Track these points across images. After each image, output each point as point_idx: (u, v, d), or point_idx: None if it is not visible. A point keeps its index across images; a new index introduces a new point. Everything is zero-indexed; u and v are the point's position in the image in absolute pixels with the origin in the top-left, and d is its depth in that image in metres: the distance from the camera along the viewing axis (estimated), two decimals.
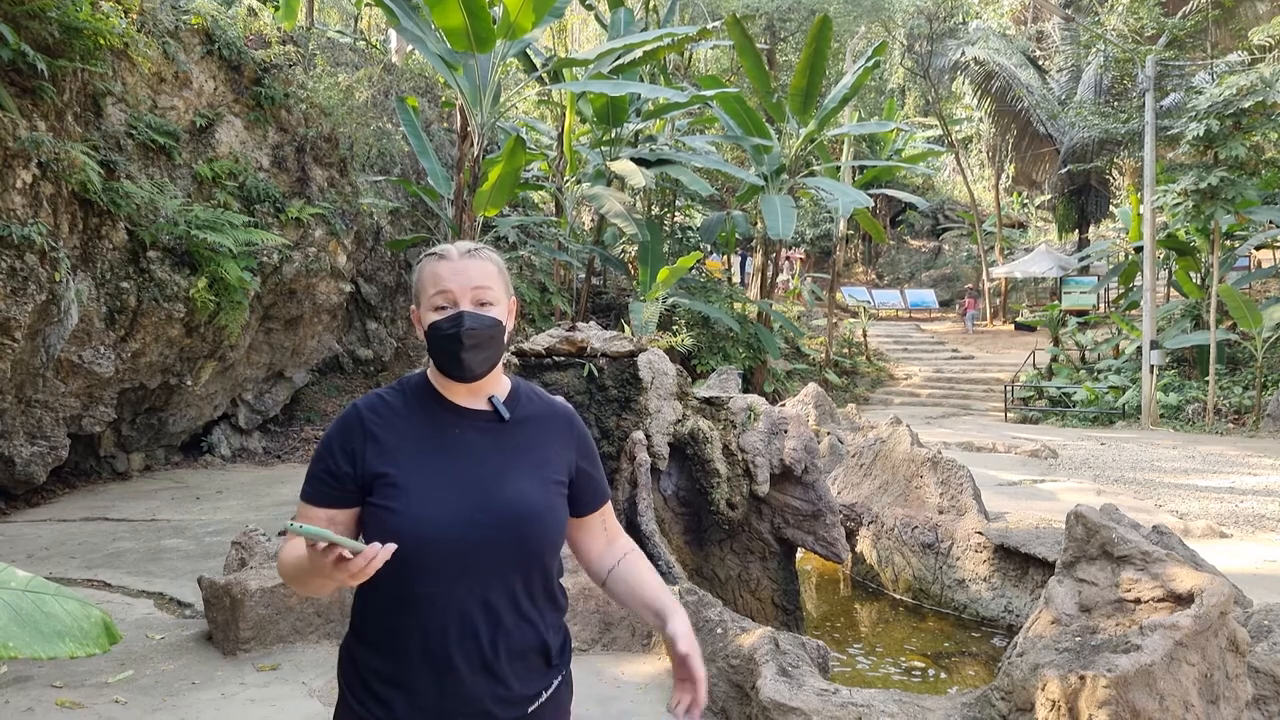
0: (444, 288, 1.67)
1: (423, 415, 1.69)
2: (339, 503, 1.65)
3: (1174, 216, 17.44)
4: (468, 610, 1.59)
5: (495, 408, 1.72)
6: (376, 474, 1.62)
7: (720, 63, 26.13)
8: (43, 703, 3.92)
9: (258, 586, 4.51)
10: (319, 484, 1.66)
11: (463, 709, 1.60)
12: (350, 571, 1.42)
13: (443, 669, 1.59)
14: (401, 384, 1.75)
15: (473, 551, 1.59)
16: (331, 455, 1.65)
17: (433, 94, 18.27)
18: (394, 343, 15.52)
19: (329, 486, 1.65)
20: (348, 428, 1.67)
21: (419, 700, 1.60)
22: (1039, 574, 5.62)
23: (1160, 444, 13.95)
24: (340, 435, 1.67)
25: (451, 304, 1.67)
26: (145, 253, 8.60)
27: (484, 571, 1.60)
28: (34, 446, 8.11)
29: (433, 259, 1.71)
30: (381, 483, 1.61)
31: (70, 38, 7.47)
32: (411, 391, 1.72)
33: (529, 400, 1.79)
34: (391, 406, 1.69)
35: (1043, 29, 30.09)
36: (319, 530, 1.39)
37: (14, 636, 1.69)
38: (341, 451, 1.65)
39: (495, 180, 11.10)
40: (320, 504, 1.65)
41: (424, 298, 1.69)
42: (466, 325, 1.64)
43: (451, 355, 1.65)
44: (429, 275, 1.70)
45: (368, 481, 1.63)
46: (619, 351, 5.71)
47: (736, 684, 3.76)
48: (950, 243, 35.39)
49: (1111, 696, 2.85)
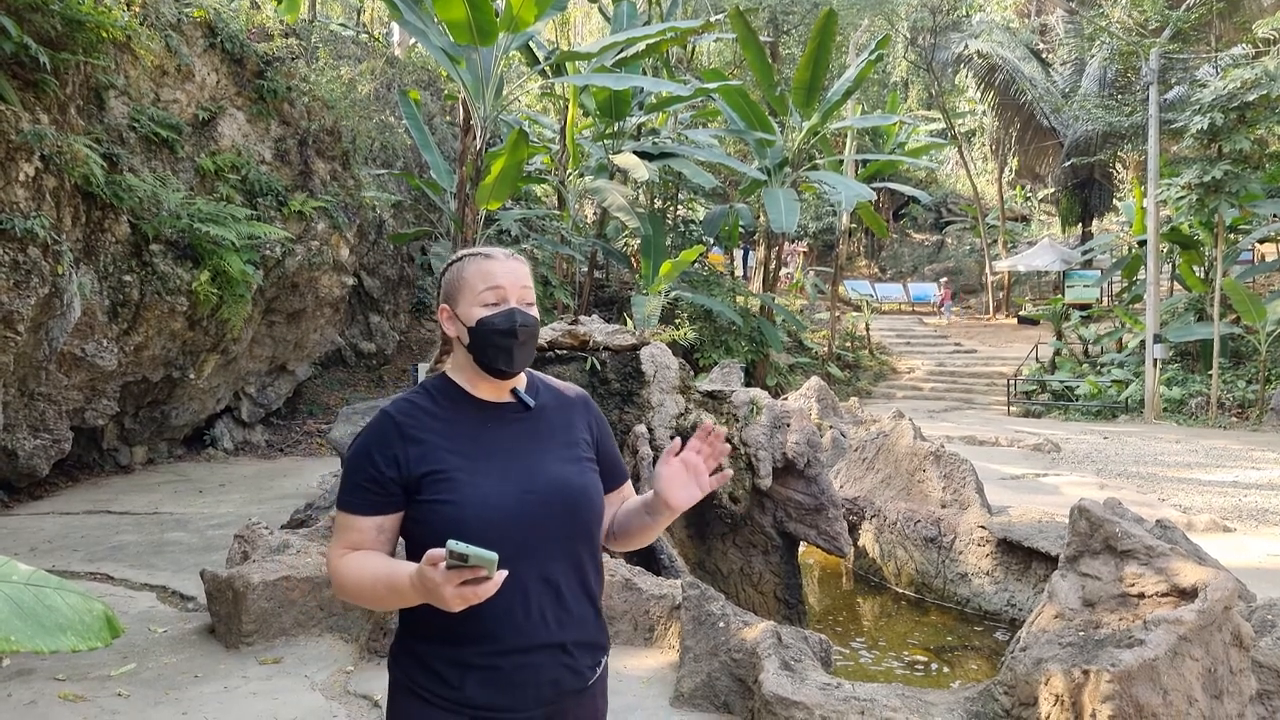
0: (497, 284, 1.73)
1: (455, 413, 1.74)
2: (386, 509, 1.68)
3: (1178, 210, 17.38)
4: (529, 587, 1.64)
5: (520, 398, 1.78)
6: (424, 473, 1.65)
7: (723, 56, 26.06)
8: (45, 696, 3.93)
9: (260, 580, 4.52)
10: (364, 493, 1.67)
11: (533, 680, 1.65)
12: (474, 595, 1.43)
13: (511, 646, 1.63)
14: (425, 388, 1.79)
15: (527, 530, 1.64)
16: (372, 463, 1.67)
17: (435, 87, 18.24)
18: (396, 336, 15.53)
19: (374, 494, 1.67)
20: (384, 434, 1.69)
21: (490, 677, 1.64)
22: (1042, 568, 5.62)
23: (1163, 438, 13.93)
24: (378, 442, 1.68)
25: (503, 300, 1.73)
26: (148, 246, 8.60)
27: (540, 549, 1.66)
28: (36, 439, 8.12)
29: (479, 258, 1.76)
30: (430, 480, 1.65)
31: (73, 31, 7.46)
32: (438, 393, 1.77)
33: (546, 389, 1.86)
34: (423, 409, 1.73)
35: (1046, 22, 29.97)
36: (482, 552, 1.39)
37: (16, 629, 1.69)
38: (383, 458, 1.67)
39: (498, 173, 11.08)
40: (368, 512, 1.67)
41: (471, 294, 1.74)
42: (519, 321, 1.71)
43: (505, 350, 1.71)
44: (479, 272, 1.74)
45: (414, 482, 1.66)
46: (621, 345, 5.71)
47: (739, 678, 3.76)
48: (953, 236, 35.31)
49: (1115, 691, 2.85)
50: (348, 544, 1.69)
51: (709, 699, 3.83)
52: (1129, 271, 22.66)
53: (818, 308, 25.26)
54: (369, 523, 1.68)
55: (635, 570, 4.71)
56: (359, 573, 1.63)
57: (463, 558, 1.40)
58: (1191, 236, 18.62)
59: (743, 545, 5.74)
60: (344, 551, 1.69)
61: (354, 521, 1.68)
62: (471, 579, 1.42)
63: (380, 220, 14.59)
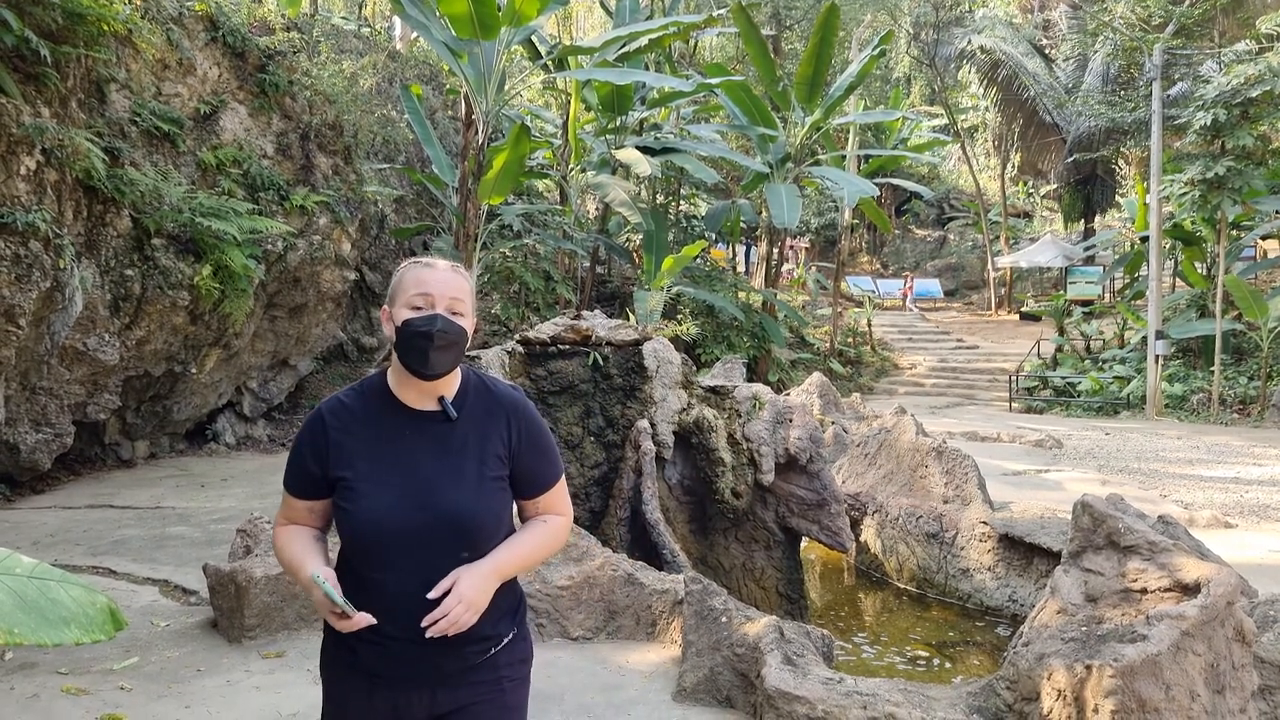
0: (426, 290, 1.82)
1: (377, 418, 1.87)
2: (315, 495, 1.90)
3: (1180, 206, 17.35)
4: (410, 593, 1.77)
5: (444, 408, 1.87)
6: (336, 477, 1.83)
7: (725, 50, 26.01)
8: (48, 689, 3.93)
9: (263, 574, 4.52)
10: (296, 478, 1.91)
11: (413, 659, 1.82)
12: (338, 623, 1.76)
13: (393, 637, 1.80)
14: (362, 385, 1.93)
15: (413, 547, 1.78)
16: (302, 456, 1.88)
17: (437, 81, 18.21)
18: None
19: (304, 482, 1.89)
20: (314, 432, 1.88)
21: (379, 652, 1.82)
22: (1044, 564, 5.61)
23: (1165, 434, 13.92)
24: (309, 438, 1.88)
25: (429, 305, 1.82)
26: (149, 240, 8.59)
27: (424, 560, 1.78)
28: (39, 434, 8.12)
29: (418, 265, 1.88)
30: (340, 484, 1.83)
31: (74, 24, 7.45)
32: (370, 393, 1.90)
33: (478, 396, 1.93)
34: (350, 410, 1.88)
35: (1049, 17, 29.91)
36: (333, 593, 1.73)
37: (19, 623, 1.69)
38: (310, 453, 1.87)
39: (500, 168, 11.07)
40: (302, 496, 1.91)
41: (402, 296, 1.84)
42: (439, 326, 1.80)
43: (420, 352, 1.80)
44: (412, 278, 1.86)
45: (331, 481, 1.85)
46: (624, 340, 5.70)
47: (741, 672, 3.76)
48: (955, 232, 35.27)
49: (1118, 686, 2.85)
50: (285, 516, 1.94)
51: (711, 693, 3.83)
52: (1131, 268, 22.64)
53: (820, 303, 25.24)
54: (300, 503, 1.92)
55: (638, 565, 4.71)
56: (284, 549, 1.90)
57: (330, 598, 1.73)
58: (1194, 233, 18.60)
59: (745, 540, 5.74)
60: (283, 522, 1.94)
61: (289, 499, 1.93)
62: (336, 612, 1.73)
63: (382, 215, 14.58)
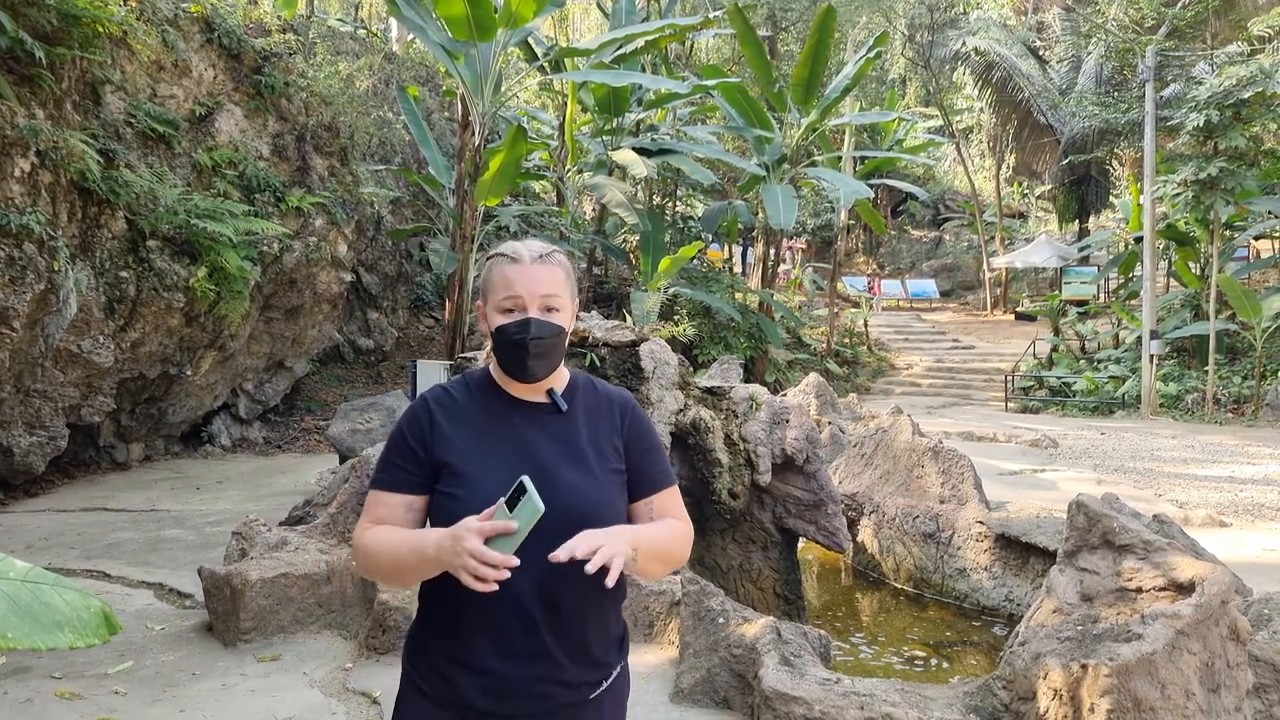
0: (514, 293, 1.70)
1: (485, 408, 1.75)
2: (416, 488, 1.71)
3: (1174, 207, 17.40)
4: (527, 598, 1.62)
5: (554, 400, 1.76)
6: (443, 463, 1.69)
7: (722, 52, 26.02)
8: (42, 694, 3.92)
9: (258, 577, 4.51)
10: (397, 471, 1.72)
11: (523, 692, 1.64)
12: (479, 570, 1.47)
13: (504, 654, 1.63)
14: (466, 378, 1.81)
15: (530, 538, 1.54)
16: (406, 444, 1.72)
17: (434, 83, 18.21)
18: (395, 332, 15.51)
19: (406, 473, 1.71)
20: (416, 419, 1.74)
21: (482, 682, 1.64)
22: (1040, 563, 5.62)
23: (1160, 433, 13.95)
24: (411, 426, 1.73)
25: (520, 309, 1.70)
26: (145, 242, 8.57)
27: (542, 560, 1.55)
28: (33, 436, 8.10)
29: (504, 260, 1.73)
30: (446, 471, 1.68)
31: (69, 25, 7.44)
32: (475, 385, 1.79)
33: (587, 392, 1.82)
34: (456, 400, 1.76)
35: (1043, 19, 29.96)
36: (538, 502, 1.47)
37: (13, 627, 1.68)
38: (415, 439, 1.71)
39: (496, 169, 11.07)
40: (400, 490, 1.72)
41: (492, 298, 1.73)
42: (533, 334, 1.68)
43: (517, 360, 1.70)
44: (499, 278, 1.72)
45: (436, 469, 1.69)
46: (621, 341, 5.70)
47: (739, 673, 3.76)
48: (951, 233, 35.33)
49: (1113, 685, 2.85)
50: (374, 518, 1.72)
51: (709, 694, 3.83)
52: (1125, 268, 22.69)
53: (816, 304, 25.27)
54: (398, 499, 1.71)
55: None
56: (385, 541, 1.66)
57: (519, 492, 1.48)
58: (1187, 233, 18.65)
59: (742, 541, 5.74)
60: (370, 525, 1.72)
61: (382, 497, 1.72)
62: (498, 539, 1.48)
63: (378, 216, 14.58)
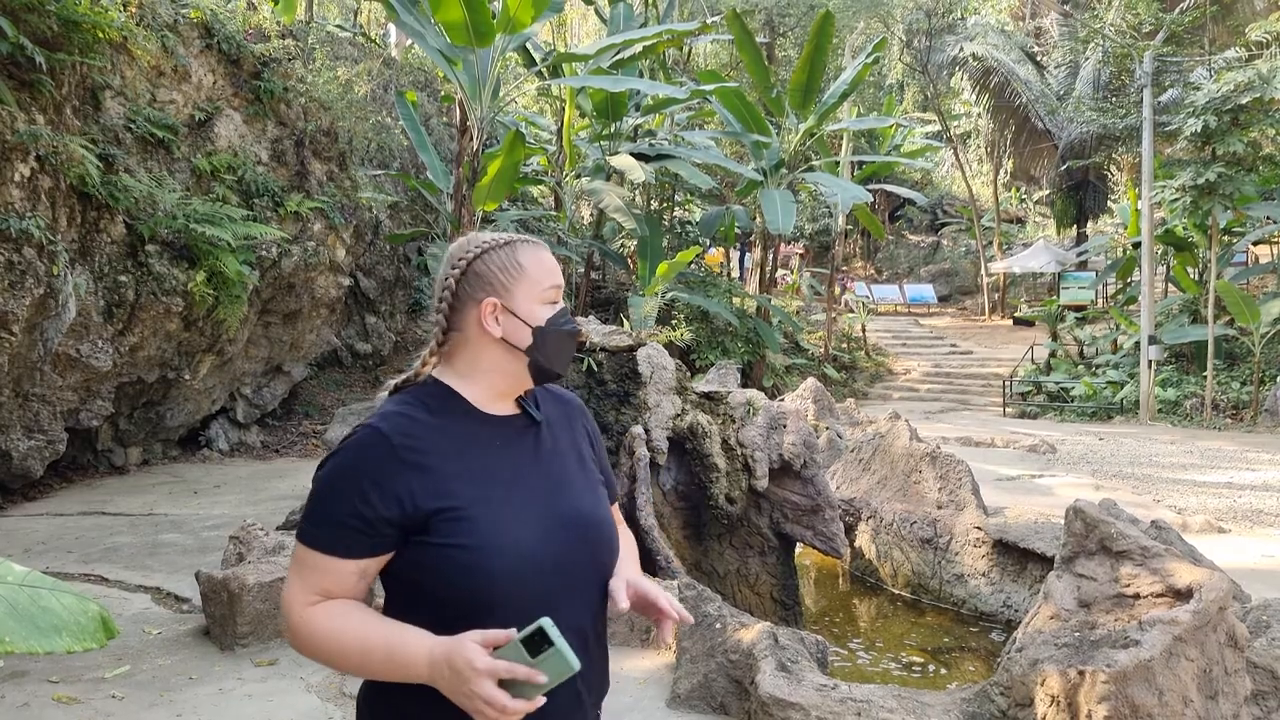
0: (558, 282, 1.50)
1: (459, 431, 1.44)
2: (375, 550, 1.35)
3: (1172, 212, 17.44)
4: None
5: (525, 409, 1.53)
6: (434, 509, 1.35)
7: (719, 57, 26.07)
8: (39, 698, 3.91)
9: (255, 581, 4.51)
10: (347, 532, 1.33)
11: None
12: (504, 711, 1.21)
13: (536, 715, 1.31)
14: (416, 397, 1.46)
15: (555, 575, 1.38)
16: (363, 497, 1.33)
17: (432, 88, 18.23)
18: (393, 337, 15.51)
19: (360, 533, 1.34)
20: (379, 462, 1.35)
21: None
22: (1038, 569, 5.62)
23: (1158, 439, 13.96)
24: (371, 470, 1.34)
25: (559, 299, 1.51)
26: (144, 246, 8.58)
27: (568, 596, 1.41)
28: (31, 440, 8.09)
29: (532, 247, 1.51)
30: (442, 519, 1.35)
31: (69, 31, 7.45)
32: (436, 404, 1.45)
33: (545, 397, 1.61)
34: (423, 425, 1.41)
35: (1041, 25, 30.03)
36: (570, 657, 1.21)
37: (10, 631, 1.68)
38: (378, 493, 1.33)
39: (494, 174, 11.08)
40: (350, 555, 1.34)
41: (534, 288, 1.48)
42: (578, 325, 1.56)
43: (564, 356, 1.50)
44: (540, 265, 1.49)
45: (419, 521, 1.35)
46: (618, 346, 5.70)
47: (735, 679, 3.76)
48: (949, 238, 35.36)
49: (1111, 692, 2.85)
50: (317, 589, 1.35)
51: (705, 700, 3.83)
52: (1124, 273, 22.73)
53: (814, 309, 25.29)
54: (349, 566, 1.35)
55: None
56: (342, 631, 1.33)
57: (543, 641, 1.20)
58: (1186, 238, 18.69)
59: (739, 546, 5.74)
60: (314, 599, 1.35)
61: (329, 564, 1.34)
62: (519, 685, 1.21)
63: (377, 221, 14.58)
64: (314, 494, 1.38)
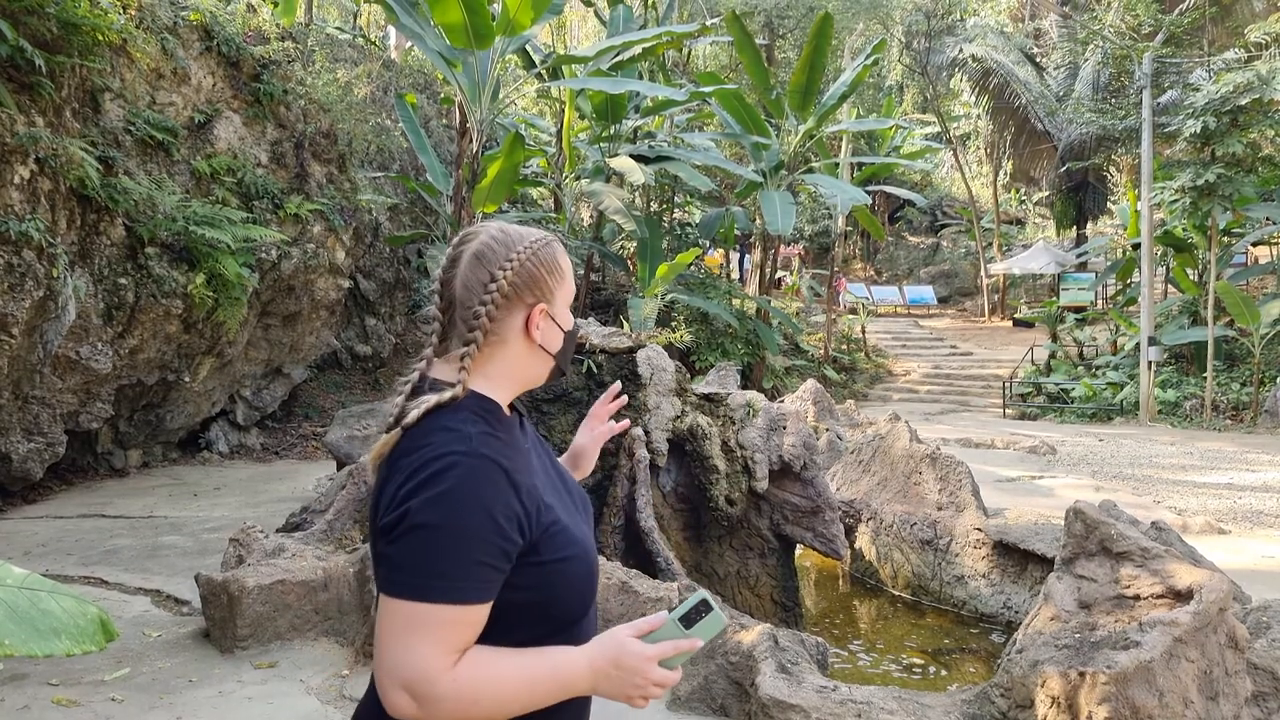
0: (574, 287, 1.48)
1: (517, 441, 1.39)
2: (499, 587, 1.28)
3: (1171, 213, 17.45)
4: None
5: (518, 410, 1.49)
6: (545, 527, 1.30)
7: (719, 59, 26.09)
8: (39, 700, 3.91)
9: (255, 584, 4.50)
10: (489, 573, 1.23)
11: None
12: (656, 695, 1.27)
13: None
14: (473, 413, 1.33)
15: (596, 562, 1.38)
16: (500, 533, 1.23)
17: (431, 90, 18.25)
18: (392, 339, 15.51)
19: (499, 572, 1.25)
20: (498, 488, 1.25)
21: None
22: (1038, 570, 5.62)
23: (1158, 440, 13.96)
24: (497, 500, 1.24)
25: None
26: (143, 249, 8.58)
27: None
28: (31, 443, 8.09)
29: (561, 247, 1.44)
30: (548, 534, 1.30)
31: (68, 34, 7.45)
32: (492, 416, 1.36)
33: None
34: (504, 444, 1.32)
35: (1040, 26, 30.08)
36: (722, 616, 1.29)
37: (9, 634, 1.68)
38: (508, 522, 1.25)
39: (494, 176, 11.09)
40: (489, 598, 1.25)
41: (570, 292, 1.44)
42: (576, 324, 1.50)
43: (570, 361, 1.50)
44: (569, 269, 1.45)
45: (534, 542, 1.28)
46: (618, 348, 5.70)
47: (735, 680, 3.75)
48: (948, 239, 35.38)
49: (1111, 693, 2.85)
50: (459, 647, 1.22)
51: (705, 702, 3.82)
52: (1123, 274, 22.74)
53: (813, 310, 25.30)
54: (486, 611, 1.25)
55: (632, 573, 4.70)
56: (502, 678, 1.23)
57: (702, 609, 1.28)
58: (1185, 239, 18.69)
59: (739, 548, 5.74)
60: (454, 658, 1.21)
61: (469, 615, 1.22)
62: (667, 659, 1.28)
63: (376, 223, 14.59)
64: (437, 542, 1.21)
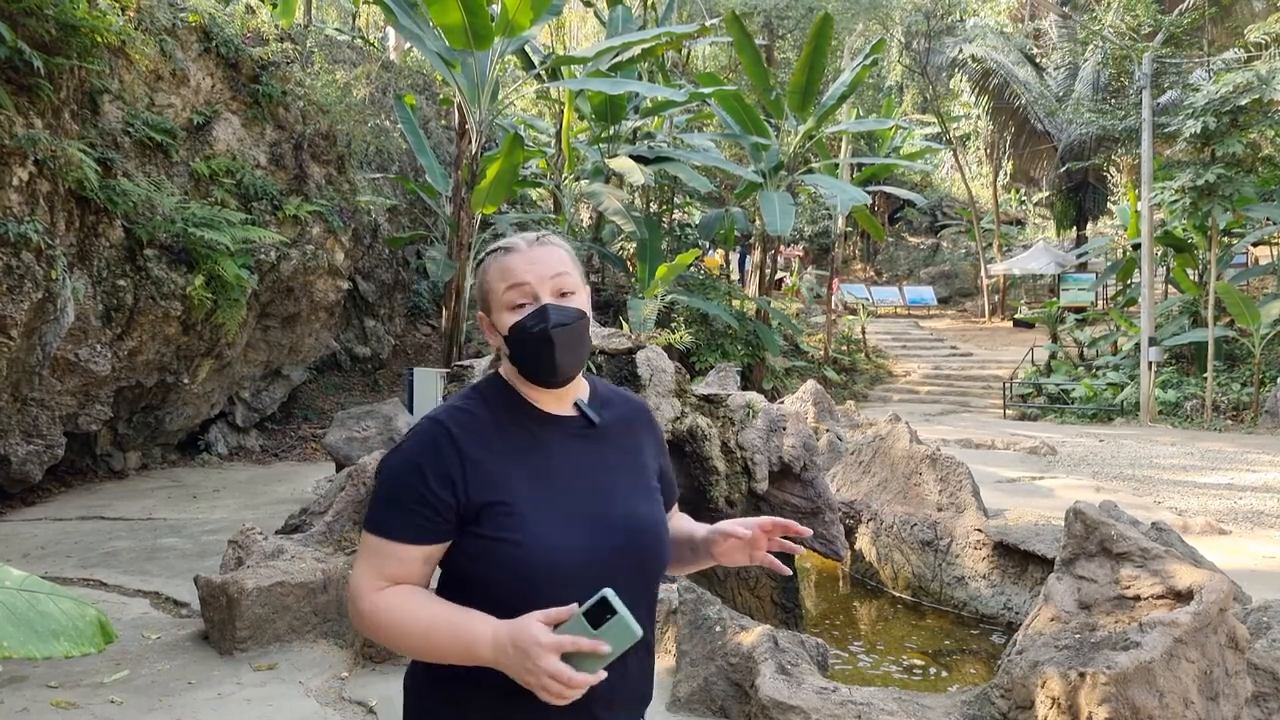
0: (519, 280, 1.47)
1: (515, 428, 1.48)
2: (436, 537, 1.41)
3: (1171, 213, 17.44)
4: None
5: (584, 412, 1.54)
6: (486, 502, 1.40)
7: (718, 60, 26.09)
8: (38, 703, 3.91)
9: (254, 585, 4.50)
10: (411, 516, 1.40)
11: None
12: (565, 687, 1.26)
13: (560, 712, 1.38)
14: (479, 392, 1.53)
15: (599, 580, 1.36)
16: (424, 482, 1.40)
17: (431, 91, 18.25)
18: (392, 340, 15.51)
19: (424, 519, 1.40)
20: (437, 449, 1.42)
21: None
22: (1038, 571, 5.61)
23: (1159, 441, 13.96)
24: (432, 459, 1.41)
25: (531, 299, 1.47)
26: (142, 250, 8.58)
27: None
28: (30, 445, 8.09)
29: (498, 254, 1.51)
30: (493, 512, 1.40)
31: (67, 35, 7.45)
32: (495, 400, 1.51)
33: (609, 399, 1.62)
34: (480, 420, 1.47)
35: (1040, 26, 30.07)
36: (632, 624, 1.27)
37: (9, 636, 1.68)
38: (436, 477, 1.40)
39: (493, 177, 11.09)
40: (416, 540, 1.40)
41: (496, 298, 1.50)
42: (554, 321, 1.45)
43: (544, 359, 1.46)
44: (498, 271, 1.50)
45: (472, 511, 1.40)
46: (617, 349, 5.70)
47: (735, 682, 3.75)
48: (948, 239, 35.38)
49: (1111, 694, 2.84)
50: (386, 575, 1.41)
51: (705, 703, 3.82)
52: (1124, 274, 22.74)
53: (813, 311, 25.30)
54: (416, 552, 1.41)
55: None
56: (413, 615, 1.38)
57: (605, 611, 1.26)
58: (1185, 240, 18.69)
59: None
60: (383, 585, 1.41)
61: (396, 550, 1.40)
62: (580, 656, 1.26)
63: (375, 224, 14.59)
64: (380, 484, 1.45)
